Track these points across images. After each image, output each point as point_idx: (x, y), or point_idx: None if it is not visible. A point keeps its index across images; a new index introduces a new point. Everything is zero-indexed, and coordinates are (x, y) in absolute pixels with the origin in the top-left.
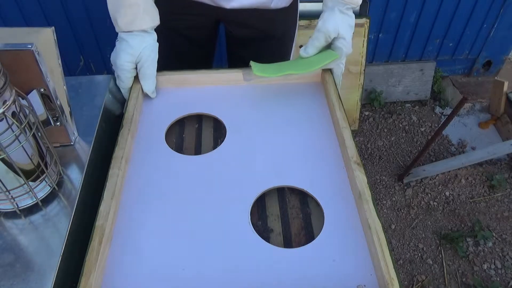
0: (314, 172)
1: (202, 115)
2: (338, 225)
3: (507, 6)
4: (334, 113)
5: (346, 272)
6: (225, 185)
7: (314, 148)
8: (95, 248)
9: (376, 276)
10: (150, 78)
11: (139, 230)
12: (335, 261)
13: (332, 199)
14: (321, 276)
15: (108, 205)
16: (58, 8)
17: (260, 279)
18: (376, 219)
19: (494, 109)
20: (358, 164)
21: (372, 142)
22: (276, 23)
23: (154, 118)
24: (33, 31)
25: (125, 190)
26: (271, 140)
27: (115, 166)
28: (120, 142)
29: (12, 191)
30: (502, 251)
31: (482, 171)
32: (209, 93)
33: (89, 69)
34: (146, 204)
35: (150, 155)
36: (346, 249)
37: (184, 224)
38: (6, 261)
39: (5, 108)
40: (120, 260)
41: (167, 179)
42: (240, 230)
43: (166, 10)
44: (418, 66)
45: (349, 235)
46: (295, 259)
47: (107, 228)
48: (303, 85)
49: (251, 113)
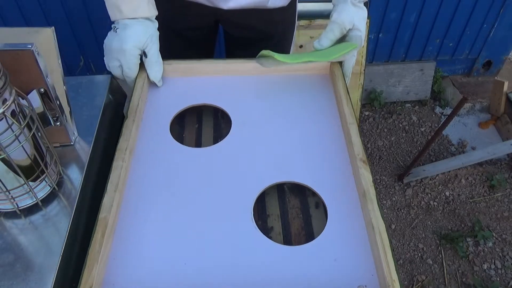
0: (319, 168)
1: (207, 106)
2: (341, 223)
3: (507, 6)
4: (341, 108)
5: (347, 272)
6: (228, 179)
7: (320, 143)
8: (98, 240)
9: (378, 277)
10: (157, 66)
11: (142, 223)
12: (336, 261)
13: (336, 197)
14: (322, 275)
15: (112, 198)
16: (58, 8)
17: (261, 275)
18: (380, 220)
19: (494, 109)
20: (364, 161)
21: (372, 142)
22: (274, 23)
23: (159, 109)
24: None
25: (129, 182)
26: (277, 133)
27: (119, 158)
28: (124, 133)
29: (12, 191)
30: (502, 251)
31: (482, 171)
32: (216, 83)
33: (89, 69)
34: (149, 197)
35: (154, 146)
36: (348, 248)
37: (187, 218)
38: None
39: (5, 108)
40: (123, 253)
41: (170, 172)
42: (243, 226)
43: (165, 11)
44: (418, 66)
45: (352, 234)
46: (297, 257)
47: (110, 221)
48: (311, 76)
49: (257, 105)
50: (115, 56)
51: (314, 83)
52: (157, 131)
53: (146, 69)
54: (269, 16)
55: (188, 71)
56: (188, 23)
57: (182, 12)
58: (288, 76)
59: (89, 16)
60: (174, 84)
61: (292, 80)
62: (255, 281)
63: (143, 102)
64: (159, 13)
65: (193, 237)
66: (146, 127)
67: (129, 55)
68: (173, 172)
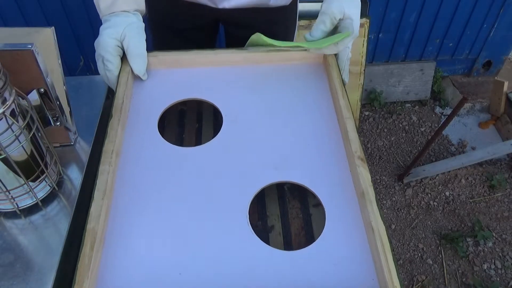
0: (315, 166)
1: (197, 100)
2: (340, 225)
3: (507, 6)
4: (337, 101)
5: (347, 276)
6: (221, 181)
7: (316, 140)
8: (87, 254)
9: (378, 282)
10: (139, 58)
11: (133, 231)
12: (336, 265)
13: (333, 197)
14: (322, 280)
15: (99, 206)
16: (58, 8)
17: (259, 282)
18: (380, 221)
19: (494, 109)
20: (362, 159)
21: (372, 142)
22: (276, 22)
23: (145, 105)
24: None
25: (116, 187)
26: (270, 130)
27: (105, 162)
28: (109, 134)
29: (12, 191)
30: (502, 251)
31: (482, 171)
32: (204, 75)
33: (89, 69)
34: (140, 202)
35: (142, 147)
36: (348, 251)
37: (180, 223)
38: (6, 261)
39: (5, 108)
40: (114, 265)
41: (161, 174)
42: (239, 231)
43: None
44: (418, 66)
45: (351, 235)
46: (295, 262)
47: (99, 231)
48: (304, 66)
49: (249, 98)
50: (97, 52)
51: (308, 73)
52: (144, 130)
53: (129, 62)
54: (271, 15)
55: (175, 63)
56: (188, 23)
57: (182, 12)
58: (280, 67)
59: (89, 16)
60: (160, 77)
61: (285, 71)
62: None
63: (128, 99)
64: (159, 13)
65: (187, 245)
66: (133, 126)
67: (105, 45)
68: (163, 174)
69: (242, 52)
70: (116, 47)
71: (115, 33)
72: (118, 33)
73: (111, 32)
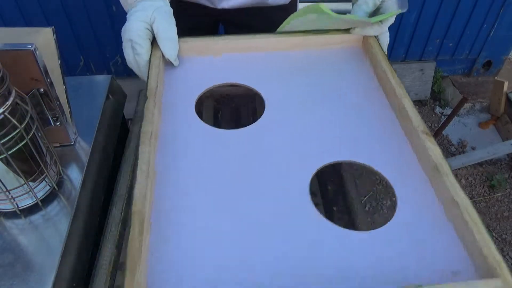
0: (374, 146)
1: (234, 85)
2: (412, 203)
3: (507, 6)
4: (387, 81)
5: (433, 256)
6: (276, 161)
7: (369, 120)
8: (136, 237)
9: (473, 260)
10: (170, 41)
11: (180, 214)
12: (413, 246)
13: (400, 175)
14: (406, 261)
15: (144, 187)
16: (58, 8)
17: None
18: (462, 194)
19: (494, 109)
20: (427, 133)
21: None
22: (275, 22)
23: (180, 90)
24: (33, 31)
25: (157, 170)
26: (317, 112)
27: (145, 143)
28: (146, 115)
29: (12, 191)
30: (502, 251)
31: (482, 171)
32: (238, 61)
33: (89, 69)
34: (185, 184)
35: (181, 130)
36: (426, 229)
37: (234, 206)
38: (6, 261)
39: (5, 108)
40: (163, 251)
41: (205, 157)
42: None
43: None
44: (418, 66)
45: (426, 213)
46: (372, 243)
47: (146, 214)
48: (344, 50)
49: (290, 83)
50: (125, 37)
51: (348, 57)
52: (182, 113)
53: (160, 46)
54: (270, 15)
55: (205, 50)
56: (187, 23)
57: (181, 12)
58: (318, 52)
59: (89, 16)
60: (192, 63)
61: (324, 55)
62: (329, 270)
63: (161, 83)
64: None
65: (246, 226)
66: (169, 110)
67: (134, 28)
68: (208, 157)
69: (274, 37)
70: (145, 30)
71: (144, 16)
72: (147, 16)
73: (140, 15)
